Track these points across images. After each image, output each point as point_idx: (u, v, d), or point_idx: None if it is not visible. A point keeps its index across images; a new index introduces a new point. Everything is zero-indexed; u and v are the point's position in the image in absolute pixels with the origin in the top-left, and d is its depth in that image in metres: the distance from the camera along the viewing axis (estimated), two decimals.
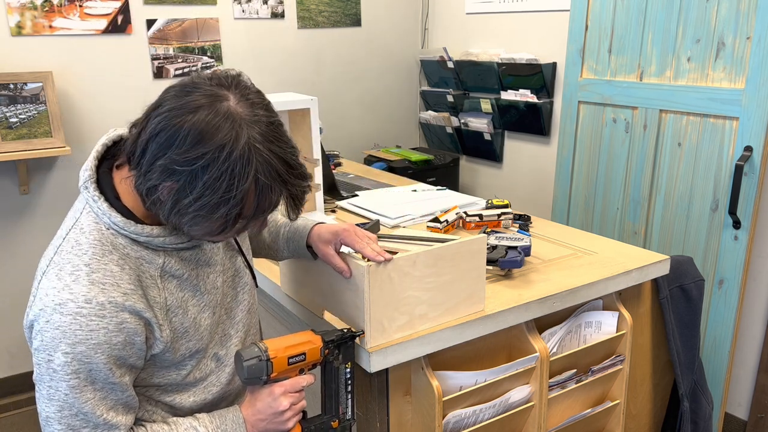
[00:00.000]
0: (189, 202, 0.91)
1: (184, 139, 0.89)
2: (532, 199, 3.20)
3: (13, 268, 2.79)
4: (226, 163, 0.89)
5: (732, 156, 2.18)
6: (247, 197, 0.93)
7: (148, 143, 0.92)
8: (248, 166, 0.90)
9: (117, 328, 0.95)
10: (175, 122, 0.90)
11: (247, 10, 3.11)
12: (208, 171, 0.89)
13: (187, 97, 0.92)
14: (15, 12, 2.58)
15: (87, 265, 0.96)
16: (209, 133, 0.89)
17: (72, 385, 0.94)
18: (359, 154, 3.53)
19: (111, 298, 0.94)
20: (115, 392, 0.98)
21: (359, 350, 1.26)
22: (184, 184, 0.90)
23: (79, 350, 0.93)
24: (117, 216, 0.98)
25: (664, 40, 2.35)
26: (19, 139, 2.57)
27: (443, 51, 3.42)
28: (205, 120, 0.89)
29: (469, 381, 1.38)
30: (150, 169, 0.92)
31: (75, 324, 0.92)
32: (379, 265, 1.19)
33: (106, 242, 0.98)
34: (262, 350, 1.06)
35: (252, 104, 0.94)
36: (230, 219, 0.94)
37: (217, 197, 0.90)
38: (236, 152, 0.89)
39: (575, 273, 1.59)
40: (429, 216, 2.01)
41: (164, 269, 1.03)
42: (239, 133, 0.90)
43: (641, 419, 1.86)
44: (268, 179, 0.93)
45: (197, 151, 0.89)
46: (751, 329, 2.36)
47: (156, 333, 1.01)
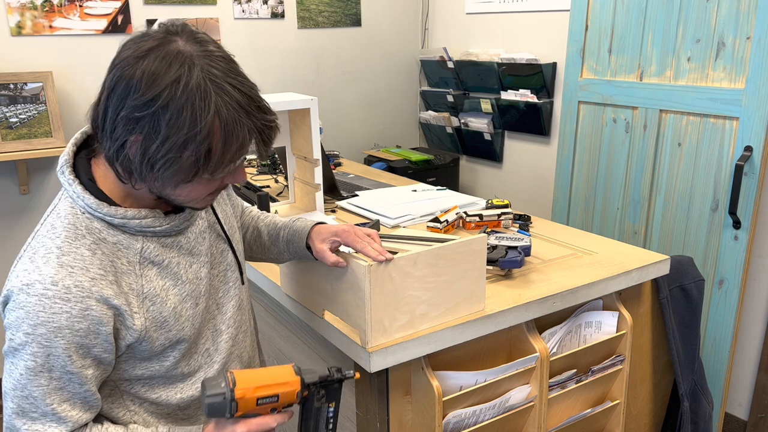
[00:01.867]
0: (156, 146, 0.90)
1: (138, 84, 0.88)
2: (532, 199, 3.20)
3: None
4: (184, 95, 0.88)
5: (732, 156, 2.18)
6: (213, 132, 0.91)
7: (108, 101, 0.91)
8: (207, 98, 0.89)
9: (81, 314, 0.93)
10: (127, 72, 0.89)
11: (247, 10, 3.11)
12: (168, 109, 0.88)
13: (135, 46, 0.91)
14: (15, 12, 2.58)
15: (59, 248, 0.95)
16: (162, 71, 0.89)
17: (28, 367, 0.93)
18: (359, 154, 3.53)
19: (78, 282, 0.93)
20: (72, 384, 0.96)
21: (358, 350, 1.26)
22: (148, 131, 0.89)
23: (39, 332, 0.92)
24: (90, 198, 0.98)
25: (664, 40, 2.35)
26: (19, 139, 2.57)
27: (443, 51, 3.42)
28: (155, 61, 0.89)
29: (469, 381, 1.38)
30: (114, 127, 0.91)
31: (39, 305, 0.92)
32: (380, 265, 1.19)
33: (80, 226, 0.98)
34: (229, 387, 0.95)
35: (201, 41, 0.94)
36: (200, 157, 0.92)
37: (183, 134, 0.89)
38: (192, 83, 0.89)
39: (575, 273, 1.59)
40: (429, 216, 2.01)
41: (143, 255, 1.01)
42: (191, 65, 0.90)
43: (641, 419, 1.86)
44: (230, 111, 0.91)
45: (153, 91, 0.88)
46: (751, 329, 2.36)
47: (127, 322, 0.98)
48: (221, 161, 0.95)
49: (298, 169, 2.13)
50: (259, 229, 1.38)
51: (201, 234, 1.12)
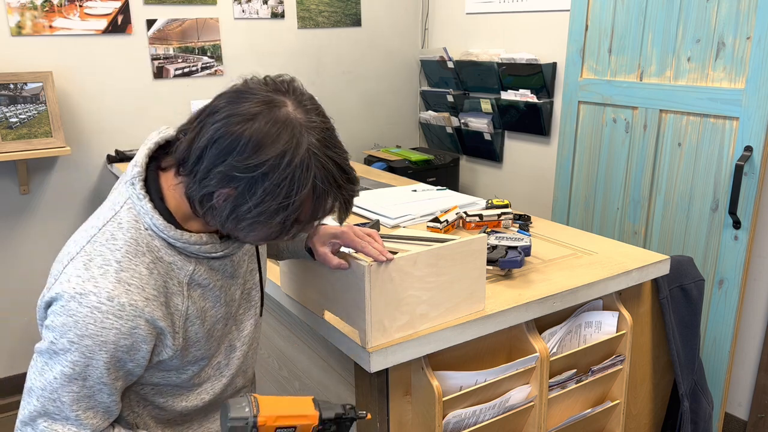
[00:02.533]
0: (248, 208, 0.91)
1: (245, 147, 0.88)
2: (532, 199, 3.20)
3: (13, 268, 2.79)
4: (288, 169, 0.89)
5: (732, 156, 2.18)
6: (305, 203, 0.93)
7: (205, 150, 0.91)
8: (307, 172, 0.90)
9: (129, 332, 0.94)
10: (234, 130, 0.89)
11: (247, 10, 3.11)
12: (268, 178, 0.89)
13: (244, 104, 0.91)
14: (15, 12, 2.58)
15: (118, 262, 0.94)
16: (270, 140, 0.89)
17: (65, 372, 0.93)
18: (359, 154, 3.53)
19: (133, 301, 0.93)
20: (102, 394, 0.97)
21: (358, 350, 1.26)
22: (243, 191, 0.90)
23: (85, 343, 0.92)
24: (159, 218, 0.97)
25: (664, 40, 2.35)
26: (19, 139, 2.57)
27: (443, 51, 3.42)
28: (265, 127, 0.89)
29: (469, 381, 1.38)
30: (207, 176, 0.91)
31: (90, 317, 0.91)
32: (380, 265, 1.19)
33: (142, 243, 0.97)
34: (252, 413, 0.97)
35: (307, 110, 0.94)
36: (287, 225, 0.95)
37: (276, 203, 0.91)
38: (297, 159, 0.89)
39: (575, 273, 1.59)
40: (429, 216, 2.01)
41: (192, 277, 1.02)
42: (300, 140, 0.90)
43: (641, 419, 1.86)
44: (325, 185, 0.93)
45: (258, 158, 0.88)
46: (751, 329, 2.36)
47: (167, 341, 1.00)
48: (303, 227, 0.99)
49: None
50: None
51: (242, 256, 1.14)
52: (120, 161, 2.82)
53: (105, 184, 2.91)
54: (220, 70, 3.09)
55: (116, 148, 2.89)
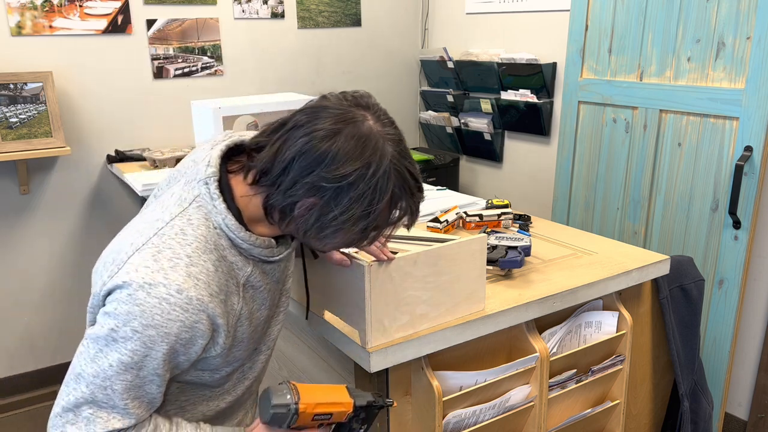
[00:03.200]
0: (333, 216, 0.96)
1: (333, 159, 0.94)
2: (532, 199, 3.20)
3: (13, 268, 2.79)
4: (373, 179, 0.95)
5: (732, 156, 2.18)
6: (383, 210, 0.99)
7: (292, 163, 0.95)
8: (389, 182, 0.97)
9: (191, 326, 0.95)
10: (321, 145, 0.94)
11: (247, 10, 3.11)
12: (354, 188, 0.94)
13: (327, 119, 0.96)
14: (15, 12, 2.58)
15: (188, 256, 0.96)
16: (357, 152, 0.94)
17: (122, 360, 0.93)
18: None
19: (200, 296, 0.95)
20: (152, 385, 0.97)
21: (358, 350, 1.26)
22: (328, 200, 0.95)
23: (149, 333, 0.93)
24: (232, 219, 1.00)
25: (664, 40, 2.35)
26: (19, 139, 2.57)
27: (443, 51, 3.42)
28: (351, 140, 0.95)
29: (469, 381, 1.38)
30: (293, 186, 0.95)
31: (158, 308, 0.92)
32: (380, 265, 1.19)
33: (210, 240, 0.99)
34: (294, 401, 1.01)
35: (384, 123, 1.00)
36: (368, 231, 0.99)
37: (360, 211, 0.96)
38: (381, 169, 0.95)
39: (575, 273, 1.59)
40: (429, 216, 2.01)
41: (248, 279, 1.05)
42: (383, 151, 0.96)
43: (641, 419, 1.86)
44: (401, 192, 0.99)
45: (346, 169, 0.94)
46: (751, 329, 2.36)
47: (220, 339, 1.01)
48: (379, 234, 1.04)
49: None
50: None
51: (288, 262, 1.17)
52: (120, 161, 2.82)
53: (105, 184, 2.91)
54: (220, 70, 3.09)
55: (116, 148, 2.89)
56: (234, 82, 3.15)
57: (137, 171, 2.67)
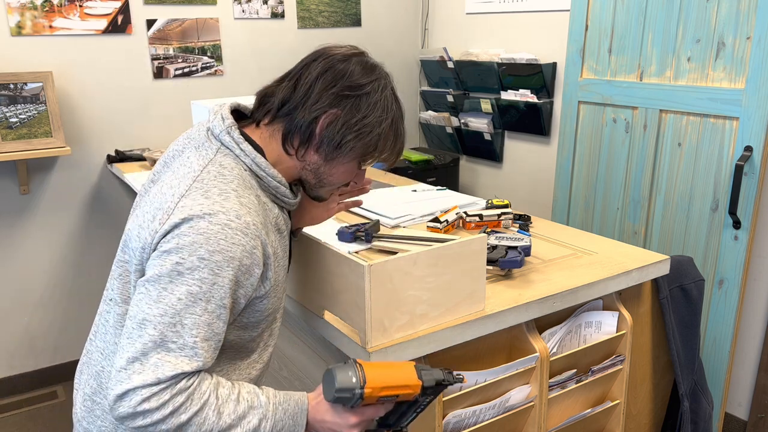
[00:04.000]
0: (357, 119, 1.09)
1: (353, 73, 1.10)
2: (532, 199, 3.20)
3: (12, 267, 2.79)
4: (384, 93, 1.12)
5: (732, 156, 2.18)
6: (388, 126, 1.12)
7: (314, 83, 1.09)
8: (393, 102, 1.14)
9: (251, 251, 1.00)
10: (340, 65, 1.10)
11: (247, 10, 3.11)
12: (371, 96, 1.10)
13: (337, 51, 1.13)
14: (15, 12, 2.58)
15: (235, 191, 1.02)
16: (369, 70, 1.12)
17: (191, 291, 0.95)
18: None
19: (255, 222, 1.01)
20: (220, 321, 0.98)
21: (359, 350, 1.26)
22: (351, 108, 1.08)
23: (215, 259, 0.96)
24: (260, 157, 1.09)
25: (664, 40, 2.35)
26: (19, 139, 2.57)
27: (443, 51, 3.42)
28: (361, 64, 1.12)
29: (469, 381, 1.38)
30: (318, 100, 1.08)
31: (222, 233, 0.96)
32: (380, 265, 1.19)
33: (246, 180, 1.07)
34: (360, 384, 0.98)
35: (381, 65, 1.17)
36: (379, 141, 1.12)
37: (376, 116, 1.10)
38: (388, 87, 1.13)
39: (575, 273, 1.59)
40: (429, 216, 2.01)
41: (275, 221, 1.12)
42: (387, 77, 1.15)
43: (641, 419, 1.86)
44: (398, 118, 1.15)
45: (365, 79, 1.10)
46: (751, 329, 2.36)
47: (270, 273, 1.07)
48: (380, 153, 1.15)
49: None
50: None
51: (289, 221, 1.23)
52: (120, 161, 2.82)
53: (105, 184, 2.91)
54: (220, 70, 3.09)
55: (116, 148, 2.89)
56: (234, 82, 3.15)
57: (137, 171, 2.67)
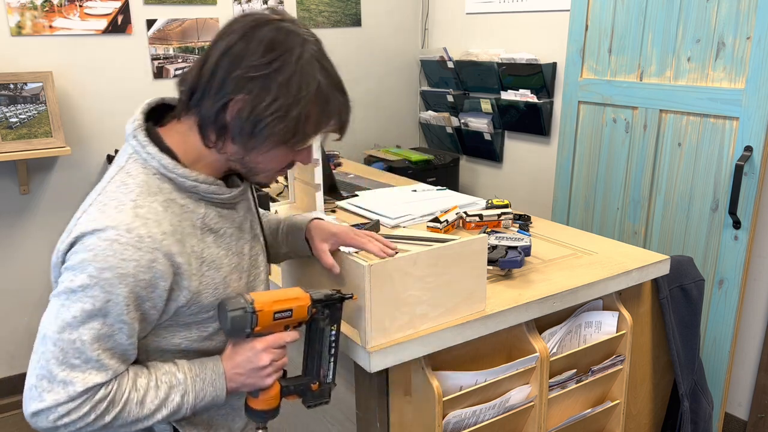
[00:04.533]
0: (266, 105, 0.97)
1: (257, 47, 0.97)
2: (532, 199, 3.20)
3: (12, 267, 2.79)
4: (298, 64, 0.98)
5: (732, 156, 2.18)
6: (313, 101, 1.00)
7: (220, 62, 0.98)
8: (313, 71, 1.00)
9: (147, 265, 0.95)
10: (242, 40, 0.97)
11: (247, 10, 3.11)
12: (282, 72, 0.97)
13: (242, 23, 1.00)
14: (15, 12, 2.58)
15: (133, 201, 0.97)
16: (279, 40, 0.98)
17: (85, 309, 0.92)
18: (359, 154, 3.53)
19: (151, 233, 0.95)
20: (121, 334, 0.96)
21: (358, 350, 1.26)
22: (258, 91, 0.97)
23: (105, 276, 0.92)
24: (166, 158, 1.01)
25: (664, 40, 2.35)
26: (19, 139, 2.57)
27: (443, 51, 3.42)
28: (272, 31, 0.98)
29: (469, 381, 1.38)
30: (223, 85, 0.97)
31: (109, 249, 0.92)
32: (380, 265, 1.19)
33: (153, 185, 1.00)
34: (248, 302, 1.04)
35: (304, 26, 1.04)
36: (300, 121, 1.00)
37: (291, 96, 0.98)
38: (305, 56, 0.99)
39: (575, 273, 1.59)
40: (429, 216, 2.01)
41: (204, 221, 1.05)
42: (304, 41, 1.00)
43: (641, 419, 1.86)
44: (327, 87, 1.02)
45: (272, 55, 0.97)
46: (751, 329, 2.36)
47: (184, 282, 1.01)
48: (311, 131, 1.04)
49: (298, 169, 2.13)
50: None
51: (246, 213, 1.17)
52: None
53: None
54: None
55: (116, 148, 2.89)
56: None
57: None
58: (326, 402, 1.19)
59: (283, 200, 2.27)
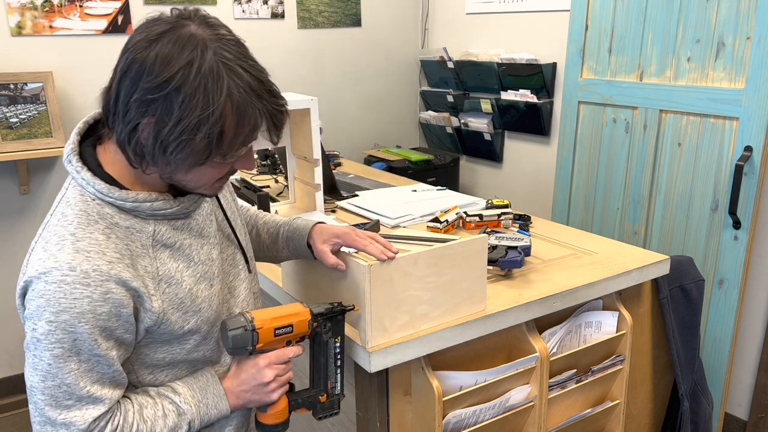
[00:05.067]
0: (169, 129, 0.90)
1: (152, 67, 0.89)
2: (532, 199, 3.20)
3: (13, 268, 2.79)
4: (197, 78, 0.89)
5: (732, 156, 2.18)
6: (225, 114, 0.92)
7: (120, 84, 0.92)
8: (219, 80, 0.91)
9: (102, 297, 0.93)
10: (140, 55, 0.90)
11: (247, 10, 3.11)
12: (181, 91, 0.89)
13: (144, 32, 0.93)
14: (15, 12, 2.58)
15: (72, 234, 0.95)
16: (175, 54, 0.90)
17: (55, 355, 0.92)
18: (359, 154, 3.53)
19: (96, 266, 0.93)
20: (101, 365, 0.96)
21: (358, 350, 1.26)
22: (161, 113, 0.90)
23: (62, 318, 0.91)
24: (100, 183, 0.97)
25: (664, 40, 2.35)
26: (20, 139, 2.57)
27: (443, 51, 3.42)
28: (169, 44, 0.90)
29: (469, 381, 1.38)
30: (126, 108, 0.92)
31: (59, 292, 0.91)
32: (380, 265, 1.19)
33: (92, 212, 0.97)
34: (248, 320, 1.05)
35: (213, 26, 0.95)
36: (213, 139, 0.92)
37: (195, 116, 0.90)
38: (205, 66, 0.90)
39: (575, 273, 1.59)
40: (429, 216, 2.01)
41: (155, 238, 1.02)
42: (204, 48, 0.91)
43: (641, 419, 1.86)
44: (242, 93, 0.92)
45: (166, 73, 0.89)
46: (751, 329, 2.36)
47: (146, 304, 0.98)
48: (233, 144, 0.96)
49: (298, 169, 2.13)
50: (258, 227, 1.38)
51: (208, 216, 1.12)
52: None
53: None
54: None
55: None
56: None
57: None
58: (336, 413, 1.20)
59: (283, 200, 2.27)
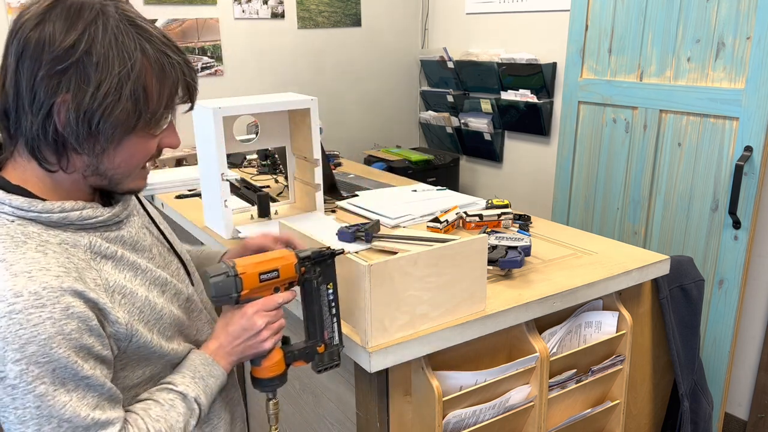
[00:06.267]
0: (91, 95, 0.83)
1: (52, 37, 0.82)
2: (532, 199, 3.20)
3: None
4: (106, 35, 0.83)
5: (732, 156, 2.18)
6: (145, 69, 0.86)
7: (18, 71, 0.83)
8: (129, 34, 0.85)
9: (64, 314, 0.82)
10: (33, 32, 0.83)
11: (247, 10, 3.11)
12: (93, 52, 0.83)
13: (31, 10, 0.85)
14: (15, 12, 2.58)
15: (3, 261, 0.83)
16: (74, 18, 0.83)
17: (39, 394, 0.81)
18: (359, 154, 3.54)
19: (44, 283, 0.82)
20: (94, 388, 0.86)
21: (358, 350, 1.26)
22: (76, 83, 0.83)
23: (30, 351, 0.80)
24: (18, 198, 0.87)
25: (664, 40, 2.35)
26: None
27: (443, 51, 3.42)
28: (63, 12, 0.83)
29: (469, 381, 1.38)
30: (33, 95, 0.83)
31: (14, 324, 0.79)
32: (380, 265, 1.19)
33: (17, 234, 0.86)
34: (230, 266, 1.00)
35: None
36: (138, 97, 0.86)
37: (116, 74, 0.84)
38: (111, 22, 0.84)
39: (575, 273, 1.59)
40: (429, 216, 2.01)
41: (93, 250, 0.91)
42: (104, 6, 0.85)
43: (641, 419, 1.86)
44: (155, 47, 0.87)
45: (72, 36, 0.82)
46: (751, 329, 2.36)
47: (110, 316, 0.89)
48: (159, 104, 0.90)
49: (298, 169, 2.13)
50: None
51: (141, 229, 1.03)
52: None
53: None
54: (220, 70, 3.09)
55: None
56: (234, 82, 3.15)
57: None
58: (337, 365, 1.14)
59: (283, 200, 2.26)
